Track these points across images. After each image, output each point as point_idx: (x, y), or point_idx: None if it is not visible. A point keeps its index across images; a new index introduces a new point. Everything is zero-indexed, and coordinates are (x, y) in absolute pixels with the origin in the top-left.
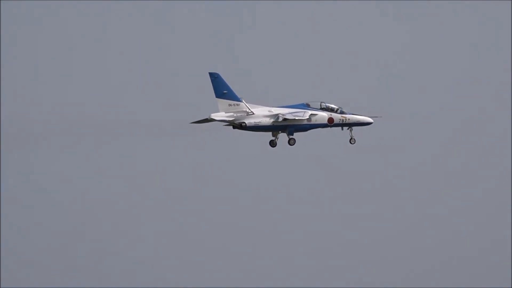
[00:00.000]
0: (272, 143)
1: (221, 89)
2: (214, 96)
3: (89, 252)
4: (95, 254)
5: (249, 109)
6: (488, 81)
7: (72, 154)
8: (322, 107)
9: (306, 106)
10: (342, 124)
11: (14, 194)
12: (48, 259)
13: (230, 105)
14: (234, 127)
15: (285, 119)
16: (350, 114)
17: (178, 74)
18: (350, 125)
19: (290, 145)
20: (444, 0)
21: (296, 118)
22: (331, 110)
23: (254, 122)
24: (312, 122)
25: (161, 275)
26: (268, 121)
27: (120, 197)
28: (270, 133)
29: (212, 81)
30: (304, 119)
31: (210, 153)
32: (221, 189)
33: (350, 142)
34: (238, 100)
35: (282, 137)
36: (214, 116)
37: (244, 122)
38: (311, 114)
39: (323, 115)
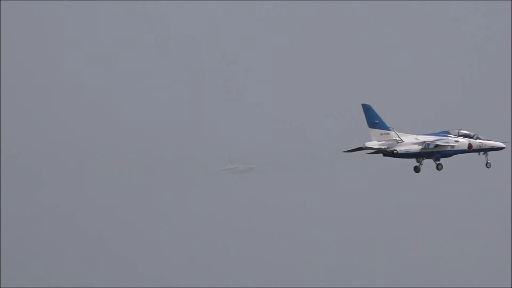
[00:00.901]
0: (416, 169)
1: (373, 119)
2: (366, 126)
3: None
4: None
5: (399, 137)
6: None
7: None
8: (460, 134)
9: (447, 133)
10: (479, 150)
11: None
12: None
13: (381, 134)
14: (384, 155)
15: (436, 145)
16: (485, 139)
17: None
18: (486, 150)
19: (438, 170)
20: None
21: (447, 144)
22: (468, 136)
23: (405, 150)
24: (455, 149)
25: None
26: (416, 148)
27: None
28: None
29: (365, 112)
30: (449, 146)
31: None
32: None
33: (486, 166)
34: (388, 129)
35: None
36: (369, 144)
37: (396, 150)
38: (455, 140)
39: (464, 142)
